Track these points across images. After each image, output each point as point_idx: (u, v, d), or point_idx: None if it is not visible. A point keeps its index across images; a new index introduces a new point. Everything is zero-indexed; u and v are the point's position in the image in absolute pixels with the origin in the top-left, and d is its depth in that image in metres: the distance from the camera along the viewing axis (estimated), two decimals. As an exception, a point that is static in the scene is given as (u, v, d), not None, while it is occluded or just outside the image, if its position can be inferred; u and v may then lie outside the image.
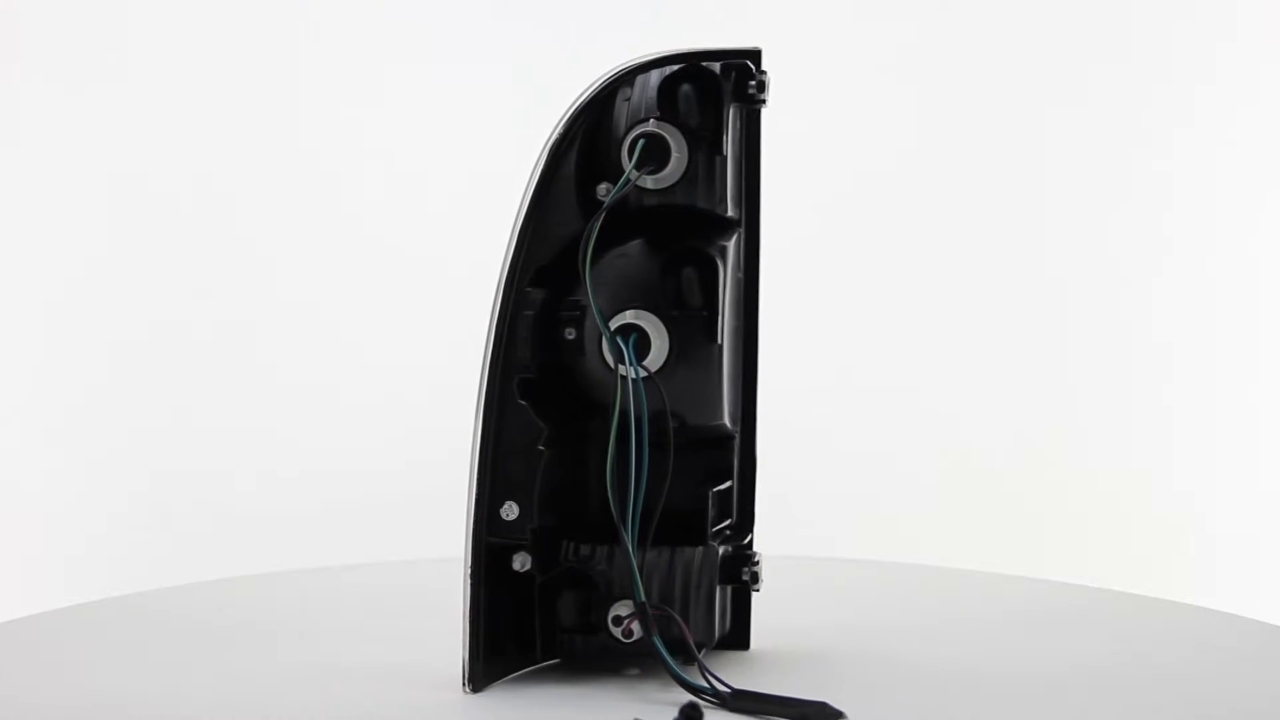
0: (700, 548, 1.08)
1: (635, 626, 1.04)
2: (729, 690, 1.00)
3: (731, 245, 1.10)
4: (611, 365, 1.06)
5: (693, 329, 1.06)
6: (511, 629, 1.09)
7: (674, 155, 1.06)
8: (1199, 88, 2.27)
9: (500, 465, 1.08)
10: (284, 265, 2.24)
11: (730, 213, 1.10)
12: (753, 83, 1.10)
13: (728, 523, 1.13)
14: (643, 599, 1.04)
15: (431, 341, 2.23)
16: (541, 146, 1.10)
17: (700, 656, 1.05)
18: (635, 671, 1.08)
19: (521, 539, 1.07)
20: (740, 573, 1.11)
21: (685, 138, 1.06)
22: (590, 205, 1.08)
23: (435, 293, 2.24)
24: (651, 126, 1.06)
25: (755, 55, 1.11)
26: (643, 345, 1.05)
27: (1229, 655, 1.18)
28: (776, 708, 0.98)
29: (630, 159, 1.06)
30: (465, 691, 1.07)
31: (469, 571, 1.07)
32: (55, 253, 2.22)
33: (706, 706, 0.99)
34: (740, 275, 1.13)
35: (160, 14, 2.23)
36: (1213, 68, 2.27)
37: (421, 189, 2.26)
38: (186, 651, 1.19)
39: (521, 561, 1.08)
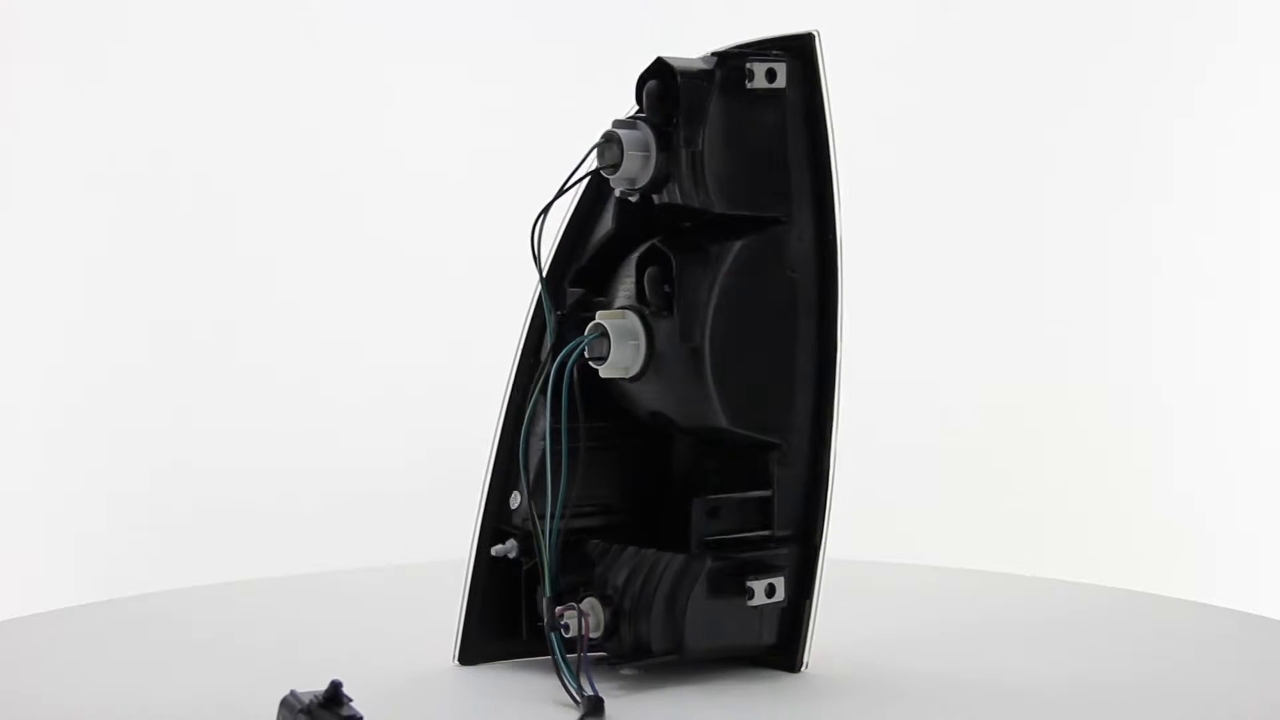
0: (675, 553, 1.05)
1: (572, 622, 1.03)
2: (590, 695, 0.99)
3: (763, 243, 1.05)
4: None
5: (665, 330, 1.03)
6: (517, 616, 1.10)
7: (629, 154, 1.02)
8: (1198, 86, 2.27)
9: (515, 456, 1.08)
10: (284, 265, 2.24)
11: (767, 209, 1.05)
12: (749, 69, 1.04)
13: (763, 533, 1.07)
14: (549, 593, 1.03)
15: (431, 341, 2.23)
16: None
17: (645, 662, 1.04)
18: (629, 672, 1.08)
19: (516, 528, 1.08)
20: (743, 586, 1.05)
21: (656, 136, 1.03)
22: (623, 208, 1.07)
23: (435, 293, 2.24)
24: (612, 126, 1.04)
25: (807, 42, 1.05)
26: (601, 346, 1.03)
27: (1232, 652, 1.18)
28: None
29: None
30: (454, 664, 1.08)
31: (474, 552, 1.08)
32: (56, 253, 2.21)
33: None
34: (792, 275, 1.06)
35: (161, 14, 2.23)
36: (1213, 67, 2.27)
37: (422, 189, 2.26)
38: (184, 651, 1.19)
39: (506, 549, 1.08)
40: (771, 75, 1.05)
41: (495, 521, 1.09)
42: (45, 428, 2.21)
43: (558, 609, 1.03)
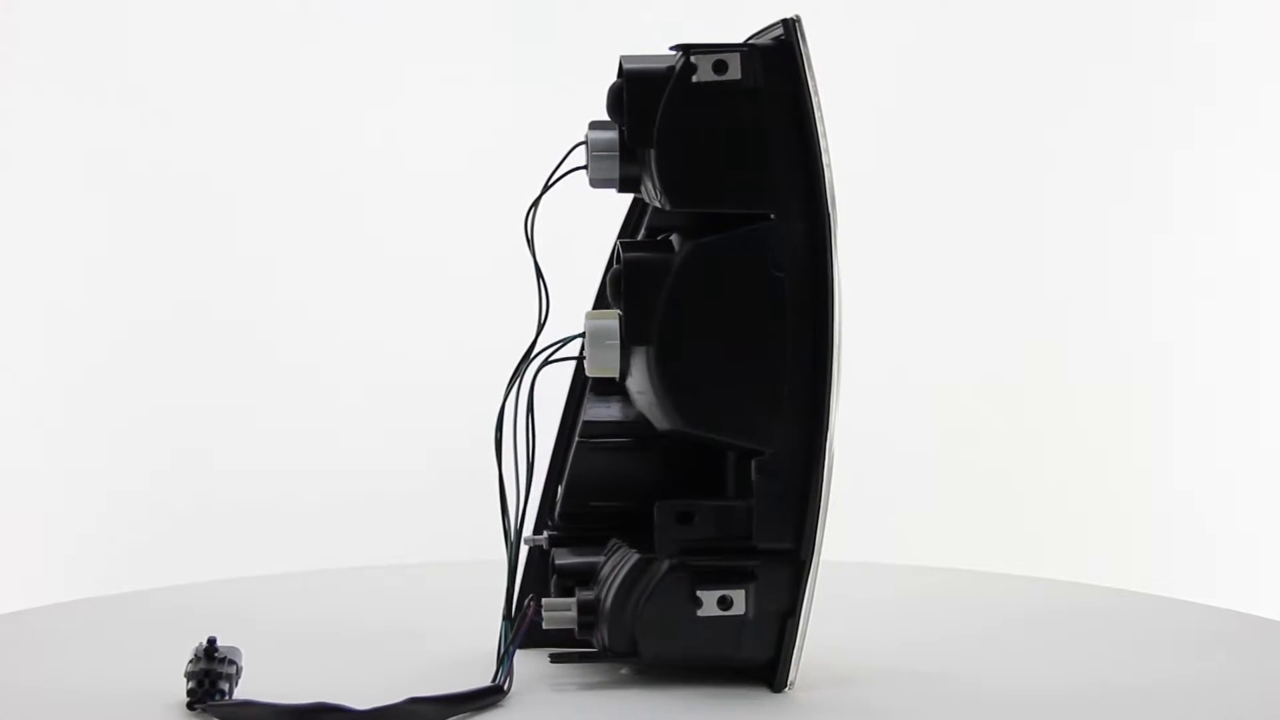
0: (636, 556, 1.03)
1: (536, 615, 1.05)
2: (496, 683, 1.01)
3: (739, 241, 1.01)
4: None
5: (625, 331, 1.02)
6: None
7: (593, 155, 1.02)
8: (1199, 86, 2.27)
9: (567, 453, 1.10)
10: (284, 264, 2.24)
11: (742, 206, 1.01)
12: (694, 63, 1.00)
13: (745, 543, 1.03)
14: (508, 586, 1.04)
15: (433, 340, 2.23)
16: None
17: (572, 655, 1.06)
18: (625, 671, 1.08)
19: (549, 519, 1.11)
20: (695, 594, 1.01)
21: (622, 137, 1.02)
22: (659, 210, 1.06)
23: (436, 292, 2.24)
24: (588, 127, 1.03)
25: (787, 29, 1.01)
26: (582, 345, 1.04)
27: (1232, 652, 1.18)
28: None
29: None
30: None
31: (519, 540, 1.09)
32: (55, 252, 2.21)
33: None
34: (778, 274, 1.00)
35: (161, 13, 2.23)
36: (1214, 67, 2.27)
37: (423, 189, 2.26)
38: (182, 648, 1.19)
39: (540, 539, 1.10)
40: (721, 67, 1.00)
41: (546, 514, 1.11)
42: (45, 427, 2.21)
43: (527, 601, 1.05)
